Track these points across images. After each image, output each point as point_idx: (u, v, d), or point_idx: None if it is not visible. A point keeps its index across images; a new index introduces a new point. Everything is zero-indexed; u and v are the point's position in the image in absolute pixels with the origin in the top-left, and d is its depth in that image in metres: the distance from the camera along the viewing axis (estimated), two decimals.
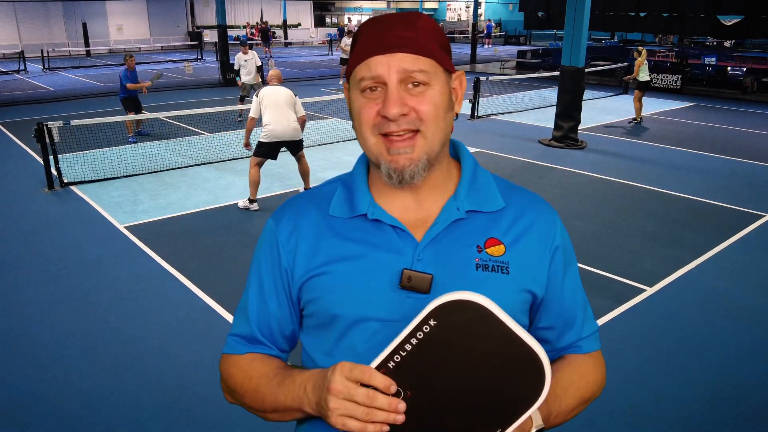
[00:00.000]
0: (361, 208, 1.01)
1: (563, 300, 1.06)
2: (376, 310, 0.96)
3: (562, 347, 1.09)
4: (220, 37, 16.72)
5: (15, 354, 3.71)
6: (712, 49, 21.40)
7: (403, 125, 0.93)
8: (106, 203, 6.55)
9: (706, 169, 8.30)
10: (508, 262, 0.98)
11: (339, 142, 9.56)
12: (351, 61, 0.97)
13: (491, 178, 1.07)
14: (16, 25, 26.48)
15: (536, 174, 7.94)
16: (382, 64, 0.92)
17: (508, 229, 1.01)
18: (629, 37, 29.40)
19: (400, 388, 0.83)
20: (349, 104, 1.01)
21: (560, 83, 9.74)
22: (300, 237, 1.03)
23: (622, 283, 4.64)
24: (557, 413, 0.97)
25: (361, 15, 40.94)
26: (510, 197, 1.04)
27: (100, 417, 3.12)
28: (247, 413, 1.11)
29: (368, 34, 0.96)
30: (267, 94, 6.14)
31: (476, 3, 24.89)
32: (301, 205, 1.07)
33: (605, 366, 1.11)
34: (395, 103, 0.91)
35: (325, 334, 1.02)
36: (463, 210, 1.00)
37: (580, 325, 1.08)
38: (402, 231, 0.99)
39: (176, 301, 4.38)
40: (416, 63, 0.92)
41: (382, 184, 1.02)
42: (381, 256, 0.98)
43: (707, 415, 3.17)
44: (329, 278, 0.99)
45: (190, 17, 31.73)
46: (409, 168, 0.94)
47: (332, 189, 1.08)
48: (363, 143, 0.98)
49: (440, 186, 1.03)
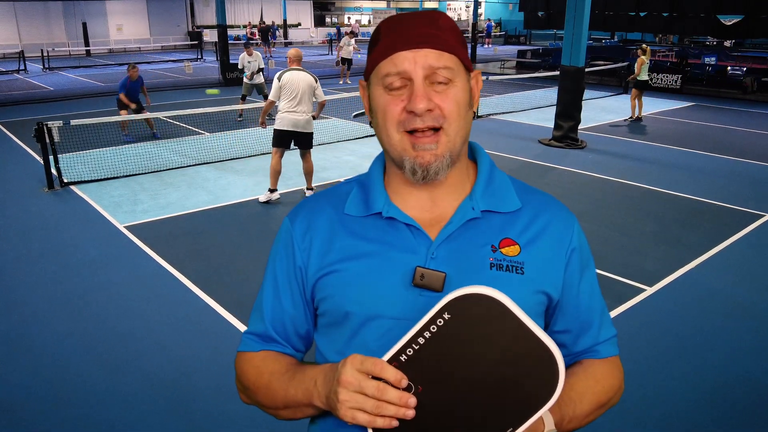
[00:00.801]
0: (376, 206, 1.02)
1: (579, 303, 1.04)
2: (389, 308, 0.96)
3: (578, 351, 1.07)
4: (220, 37, 16.71)
5: (15, 353, 3.71)
6: (712, 49, 21.38)
7: (428, 121, 0.93)
8: (106, 203, 6.55)
9: (706, 168, 8.30)
10: (523, 263, 0.97)
11: (339, 142, 9.56)
12: (372, 57, 0.97)
13: (508, 180, 1.07)
14: (16, 25, 26.48)
15: (536, 174, 7.93)
16: (408, 60, 0.93)
17: (524, 230, 1.00)
18: (629, 37, 29.38)
19: (411, 383, 0.82)
20: (369, 102, 1.01)
21: (560, 83, 9.74)
22: (314, 235, 1.03)
23: (622, 283, 4.64)
24: (570, 418, 0.95)
25: (361, 15, 40.94)
26: (526, 199, 1.04)
27: (100, 416, 3.12)
28: (245, 412, 1.11)
29: (391, 31, 0.96)
30: (288, 80, 6.17)
31: (476, 3, 24.88)
32: (316, 204, 1.08)
33: (623, 372, 1.09)
34: (422, 97, 0.92)
35: (338, 333, 1.02)
36: (479, 210, 1.00)
37: (597, 329, 1.06)
38: (416, 229, 0.99)
39: (176, 300, 4.38)
40: (441, 59, 0.93)
41: (399, 183, 1.02)
42: (395, 254, 0.98)
43: (707, 415, 3.16)
44: (342, 276, 0.99)
45: (190, 17, 31.73)
46: (434, 164, 0.95)
47: (348, 189, 1.08)
48: (387, 140, 0.97)
49: (457, 186, 1.02)
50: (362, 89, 1.04)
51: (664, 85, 16.06)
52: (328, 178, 7.45)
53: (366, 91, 1.03)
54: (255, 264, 4.92)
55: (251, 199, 6.69)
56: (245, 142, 9.35)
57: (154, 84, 16.74)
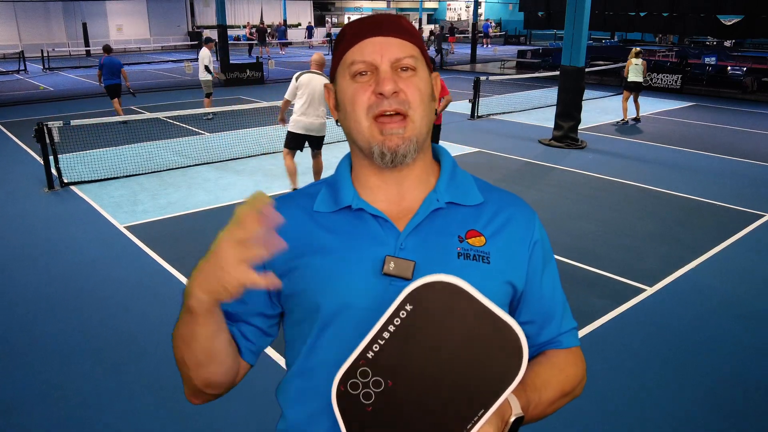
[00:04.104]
0: (345, 200, 1.04)
1: (542, 295, 1.07)
2: (360, 298, 0.97)
3: (542, 342, 1.09)
4: (221, 37, 16.73)
5: (14, 353, 3.71)
6: (712, 49, 21.40)
7: (394, 105, 0.97)
8: (106, 203, 6.55)
9: (706, 168, 8.30)
10: (489, 253, 1.00)
11: (339, 142, 9.56)
12: (338, 52, 1.03)
13: (470, 177, 1.11)
14: (16, 25, 26.48)
15: (536, 174, 7.94)
16: (374, 47, 0.98)
17: (488, 223, 1.04)
18: (629, 37, 29.40)
19: (381, 378, 0.83)
20: (335, 99, 1.05)
21: (560, 83, 9.74)
22: (282, 233, 1.03)
23: (622, 283, 4.64)
24: (536, 404, 0.97)
25: (361, 15, 40.83)
26: (489, 195, 1.08)
27: (100, 416, 3.12)
28: (245, 412, 1.11)
29: (355, 27, 1.02)
30: (305, 82, 6.17)
31: (476, 3, 24.89)
32: (283, 204, 1.07)
33: (585, 362, 1.13)
34: (389, 80, 0.97)
35: (309, 326, 1.01)
36: (443, 201, 1.03)
37: (559, 320, 1.10)
38: (385, 221, 1.01)
39: (176, 301, 4.38)
40: (405, 48, 0.99)
41: (367, 176, 1.05)
42: (364, 245, 1.00)
43: (707, 415, 3.17)
44: (311, 270, 1.00)
45: (190, 17, 31.74)
46: (402, 147, 0.98)
47: (317, 189, 1.10)
48: (355, 127, 1.01)
49: (422, 179, 1.06)
50: (328, 92, 1.09)
51: (664, 85, 16.05)
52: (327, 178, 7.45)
53: (332, 92, 1.07)
54: None
55: None
56: (245, 142, 9.35)
57: (154, 84, 16.75)
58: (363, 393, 0.84)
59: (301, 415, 1.02)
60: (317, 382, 0.99)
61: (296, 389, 1.03)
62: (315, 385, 0.99)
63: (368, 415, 0.84)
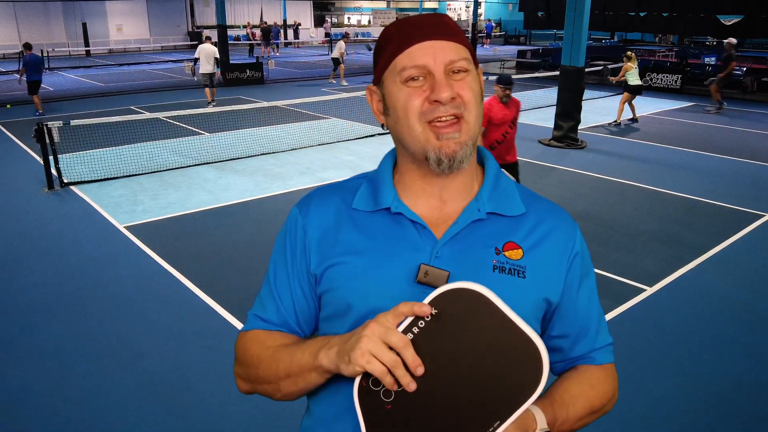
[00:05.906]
0: (384, 202, 1.03)
1: (578, 309, 1.05)
2: (391, 303, 0.95)
3: (574, 357, 1.08)
4: (220, 37, 16.72)
5: (14, 353, 3.71)
6: (712, 49, 21.38)
7: (450, 110, 0.94)
8: (106, 203, 6.55)
9: (706, 169, 8.30)
10: (525, 267, 0.98)
11: (340, 142, 9.56)
12: (385, 58, 0.99)
13: (513, 185, 1.08)
14: (16, 25, 26.46)
15: (536, 174, 7.93)
16: (426, 52, 0.95)
17: (528, 235, 1.01)
18: (629, 37, 29.40)
19: None
20: (383, 102, 1.02)
21: (560, 83, 9.74)
22: (321, 227, 1.04)
23: (622, 283, 4.64)
24: (563, 420, 0.96)
25: (360, 15, 40.93)
26: (531, 205, 1.05)
27: (100, 417, 3.12)
28: (245, 412, 1.11)
29: (400, 30, 0.99)
30: None
31: (476, 3, 24.90)
32: (325, 196, 1.08)
33: (618, 380, 1.10)
34: (446, 87, 0.94)
35: (339, 325, 1.02)
36: (484, 211, 1.01)
37: (593, 335, 1.07)
38: (422, 227, 1.00)
39: (176, 301, 4.38)
40: (457, 50, 0.97)
41: (412, 179, 1.03)
42: (400, 250, 0.99)
43: (707, 415, 3.17)
44: (347, 269, 1.00)
45: (190, 17, 31.72)
46: (459, 152, 0.96)
47: (358, 184, 1.09)
48: (409, 133, 0.97)
49: (466, 186, 1.04)
50: (371, 94, 1.05)
51: (664, 85, 16.05)
52: (327, 178, 7.45)
53: (376, 95, 1.04)
54: (255, 264, 4.92)
55: (251, 200, 6.69)
56: (245, 142, 9.35)
57: (154, 84, 16.75)
58: (383, 391, 0.85)
59: (327, 412, 1.03)
60: (344, 380, 0.98)
61: (323, 385, 1.03)
62: (342, 383, 0.99)
63: (387, 413, 0.85)
